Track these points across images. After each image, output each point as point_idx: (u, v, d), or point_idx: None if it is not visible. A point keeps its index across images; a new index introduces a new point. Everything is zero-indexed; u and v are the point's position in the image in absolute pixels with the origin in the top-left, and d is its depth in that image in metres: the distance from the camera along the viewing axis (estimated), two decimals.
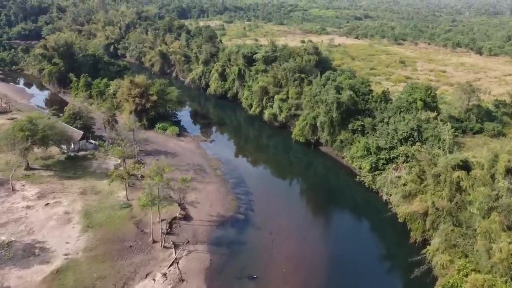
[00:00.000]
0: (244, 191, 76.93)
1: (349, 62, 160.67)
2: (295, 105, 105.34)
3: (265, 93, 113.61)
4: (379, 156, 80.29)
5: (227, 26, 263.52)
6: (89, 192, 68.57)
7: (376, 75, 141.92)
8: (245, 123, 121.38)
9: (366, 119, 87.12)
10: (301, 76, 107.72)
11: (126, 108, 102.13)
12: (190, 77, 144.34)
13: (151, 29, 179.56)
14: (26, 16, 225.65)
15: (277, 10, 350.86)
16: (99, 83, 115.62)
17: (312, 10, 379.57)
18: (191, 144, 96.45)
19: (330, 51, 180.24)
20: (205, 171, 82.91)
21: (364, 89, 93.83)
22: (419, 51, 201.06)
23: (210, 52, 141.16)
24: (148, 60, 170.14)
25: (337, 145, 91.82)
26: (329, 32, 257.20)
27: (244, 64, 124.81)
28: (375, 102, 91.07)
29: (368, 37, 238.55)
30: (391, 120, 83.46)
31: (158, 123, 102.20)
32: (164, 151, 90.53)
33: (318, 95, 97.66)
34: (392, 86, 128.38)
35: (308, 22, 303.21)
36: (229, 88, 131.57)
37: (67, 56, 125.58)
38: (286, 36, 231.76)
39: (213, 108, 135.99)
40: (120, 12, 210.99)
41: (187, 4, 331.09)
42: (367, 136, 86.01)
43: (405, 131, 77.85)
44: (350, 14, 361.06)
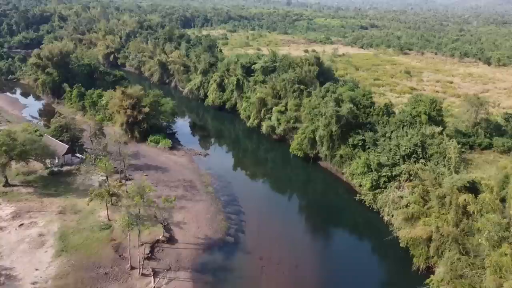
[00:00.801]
0: (236, 210, 72.27)
1: (352, 73, 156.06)
2: (294, 117, 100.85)
3: (263, 105, 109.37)
4: (380, 173, 75.42)
5: (230, 35, 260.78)
6: (68, 211, 64.34)
7: (380, 86, 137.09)
8: (243, 136, 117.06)
9: (367, 134, 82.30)
10: (300, 87, 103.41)
11: (118, 120, 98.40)
12: (188, 87, 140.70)
13: (151, 38, 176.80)
14: (28, 25, 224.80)
15: (282, 19, 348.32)
16: (92, 94, 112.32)
17: (318, 19, 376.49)
18: (183, 158, 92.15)
19: (334, 61, 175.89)
20: (196, 187, 78.43)
21: (366, 101, 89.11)
22: (425, 61, 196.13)
23: (209, 62, 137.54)
24: (148, 70, 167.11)
25: (336, 160, 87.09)
26: (333, 41, 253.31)
27: (242, 74, 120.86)
28: (376, 115, 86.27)
29: (373, 47, 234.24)
30: (394, 135, 78.59)
31: (151, 136, 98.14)
32: (155, 166, 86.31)
33: (317, 107, 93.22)
34: (396, 97, 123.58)
35: (312, 31, 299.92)
36: (227, 99, 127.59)
37: (62, 65, 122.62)
38: (290, 46, 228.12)
39: (211, 119, 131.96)
40: (122, 21, 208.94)
41: (191, 13, 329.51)
42: (368, 152, 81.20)
43: (408, 147, 72.94)
44: (355, 23, 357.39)
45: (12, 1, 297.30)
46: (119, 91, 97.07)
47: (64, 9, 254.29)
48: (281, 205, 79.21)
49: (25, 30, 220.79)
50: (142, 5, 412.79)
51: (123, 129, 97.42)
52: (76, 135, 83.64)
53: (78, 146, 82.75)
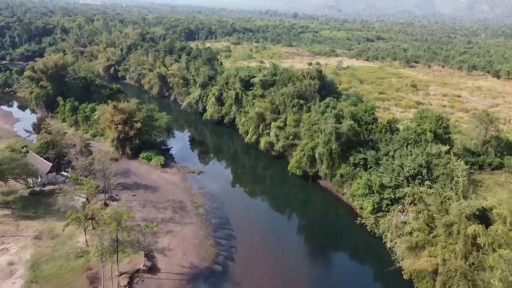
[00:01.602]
0: (227, 235, 67.38)
1: (357, 86, 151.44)
2: (293, 133, 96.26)
3: (262, 120, 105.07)
4: (382, 195, 70.33)
5: (234, 47, 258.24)
6: (45, 236, 59.92)
7: (385, 100, 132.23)
8: (241, 151, 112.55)
9: (369, 152, 77.34)
10: (299, 102, 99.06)
11: (109, 136, 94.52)
12: (187, 101, 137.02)
13: (152, 51, 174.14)
14: (31, 37, 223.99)
15: (287, 32, 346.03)
16: (85, 108, 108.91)
17: (323, 31, 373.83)
18: (176, 177, 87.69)
19: (338, 74, 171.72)
20: (186, 209, 73.77)
21: (368, 117, 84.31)
22: (432, 74, 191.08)
23: (208, 75, 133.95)
24: (147, 83, 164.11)
25: (337, 180, 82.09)
26: (338, 54, 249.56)
27: (241, 88, 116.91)
28: (379, 132, 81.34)
29: (379, 59, 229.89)
30: (397, 153, 73.58)
31: (143, 152, 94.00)
32: (144, 185, 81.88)
33: (317, 123, 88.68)
34: (401, 112, 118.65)
35: (318, 43, 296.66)
36: (226, 113, 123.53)
37: (56, 78, 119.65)
38: (294, 58, 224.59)
39: (210, 134, 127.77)
40: (124, 33, 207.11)
41: (196, 25, 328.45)
42: (370, 171, 76.21)
43: (412, 167, 67.83)
44: (361, 35, 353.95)
45: (17, 13, 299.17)
46: (110, 106, 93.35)
47: (68, 22, 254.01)
48: (277, 228, 74.08)
49: (27, 43, 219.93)
50: (148, 17, 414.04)
51: (114, 145, 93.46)
52: (63, 152, 79.56)
53: (64, 164, 78.54)
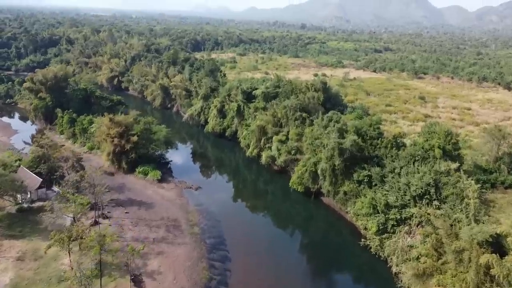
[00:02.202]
0: (221, 256, 63.66)
1: (363, 98, 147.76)
2: (295, 148, 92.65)
3: (263, 133, 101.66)
4: (388, 215, 66.32)
5: (240, 58, 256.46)
6: (28, 258, 56.70)
7: (392, 113, 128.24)
8: (243, 165, 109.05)
9: (373, 169, 73.37)
10: (302, 115, 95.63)
11: (105, 149, 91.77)
12: (188, 113, 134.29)
13: (155, 62, 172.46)
14: (36, 48, 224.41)
15: (294, 43, 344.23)
16: (83, 120, 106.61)
17: (330, 42, 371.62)
18: (172, 192, 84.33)
19: (344, 85, 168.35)
20: (180, 227, 70.24)
21: (373, 132, 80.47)
22: (441, 86, 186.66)
23: (210, 87, 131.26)
24: (150, 94, 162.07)
25: (340, 197, 78.09)
26: (345, 65, 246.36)
27: (243, 100, 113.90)
28: (384, 148, 77.40)
29: (386, 71, 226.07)
30: (403, 171, 69.54)
31: (139, 167, 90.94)
32: (139, 201, 78.58)
33: (320, 138, 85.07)
34: (409, 125, 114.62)
35: (324, 54, 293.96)
36: (227, 126, 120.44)
37: (56, 90, 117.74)
38: (300, 69, 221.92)
39: (211, 147, 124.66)
40: (129, 44, 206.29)
41: (202, 36, 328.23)
42: (375, 189, 72.21)
43: (419, 186, 63.74)
44: (369, 46, 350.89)
45: (26, 24, 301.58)
46: (106, 118, 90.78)
47: (74, 33, 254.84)
48: (276, 248, 69.99)
49: (33, 53, 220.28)
50: (155, 28, 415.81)
51: (110, 159, 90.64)
52: (55, 166, 76.71)
53: (55, 179, 75.61)
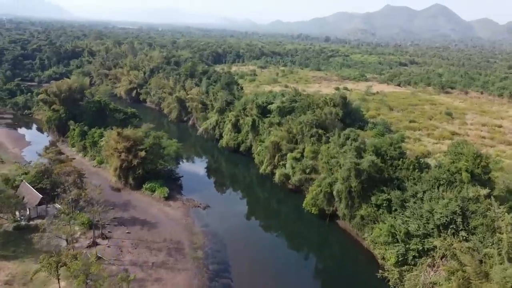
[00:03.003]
0: (224, 286, 58.73)
1: (385, 113, 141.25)
2: (311, 166, 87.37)
3: (278, 150, 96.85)
4: (408, 245, 60.11)
5: (260, 71, 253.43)
6: (16, 282, 53.25)
7: (416, 129, 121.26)
8: (256, 182, 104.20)
9: (393, 193, 67.33)
10: (318, 131, 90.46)
11: (112, 164, 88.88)
12: (203, 126, 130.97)
13: (173, 74, 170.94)
14: (60, 60, 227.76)
15: (316, 56, 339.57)
16: (94, 133, 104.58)
17: (354, 55, 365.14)
18: (178, 211, 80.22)
19: (366, 100, 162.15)
20: (182, 251, 65.82)
21: (393, 152, 74.47)
22: (469, 101, 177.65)
23: (226, 100, 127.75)
24: (167, 106, 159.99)
25: (356, 221, 72.16)
26: (368, 78, 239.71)
27: (258, 115, 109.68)
28: (406, 169, 71.27)
29: (411, 84, 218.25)
30: (427, 196, 63.31)
31: (147, 183, 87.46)
32: (142, 220, 74.82)
33: (336, 157, 79.63)
34: (434, 143, 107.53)
35: (347, 68, 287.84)
36: (242, 141, 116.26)
37: (69, 102, 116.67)
38: (321, 83, 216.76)
39: (225, 162, 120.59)
40: (149, 56, 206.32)
41: (224, 49, 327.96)
42: (395, 215, 66.12)
43: (444, 214, 57.37)
44: (394, 60, 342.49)
45: (51, 36, 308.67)
46: (114, 132, 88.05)
47: (97, 45, 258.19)
48: (285, 276, 64.38)
49: (56, 65, 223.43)
50: (179, 41, 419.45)
51: (117, 175, 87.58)
52: (57, 182, 73.90)
53: (57, 195, 72.65)
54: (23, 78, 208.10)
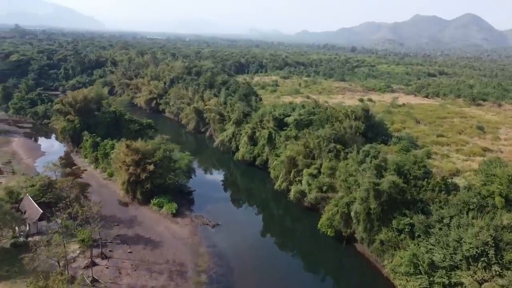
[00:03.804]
0: None
1: (411, 126, 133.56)
2: (328, 184, 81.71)
3: (294, 165, 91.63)
4: (432, 278, 53.78)
5: (283, 81, 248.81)
6: None
7: (444, 145, 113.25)
8: (271, 198, 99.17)
9: (416, 217, 61.04)
10: (336, 147, 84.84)
11: (120, 177, 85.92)
12: (219, 138, 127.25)
13: (193, 84, 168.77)
14: (83, 69, 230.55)
15: (341, 66, 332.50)
16: (105, 144, 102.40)
17: (380, 66, 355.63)
18: (186, 229, 76.02)
19: (391, 112, 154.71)
20: (185, 274, 61.38)
21: (417, 171, 68.19)
22: (503, 114, 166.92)
23: (243, 112, 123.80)
24: (185, 117, 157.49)
25: (376, 246, 66.01)
26: (394, 89, 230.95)
27: (274, 127, 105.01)
28: (431, 191, 64.82)
29: (440, 96, 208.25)
30: (454, 222, 56.87)
31: (155, 198, 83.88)
32: (146, 239, 70.99)
33: (354, 175, 73.89)
34: (463, 160, 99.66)
35: (373, 78, 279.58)
36: (258, 154, 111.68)
37: (84, 112, 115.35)
38: (345, 94, 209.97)
39: (240, 176, 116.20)
40: (170, 66, 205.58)
41: (247, 59, 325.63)
42: (418, 241, 59.83)
43: (474, 245, 50.90)
44: (422, 70, 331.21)
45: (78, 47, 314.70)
46: (123, 145, 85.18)
47: (120, 55, 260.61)
48: None
49: (79, 75, 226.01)
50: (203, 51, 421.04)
51: (124, 189, 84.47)
52: (60, 196, 71.13)
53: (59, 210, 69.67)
54: (48, 87, 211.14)
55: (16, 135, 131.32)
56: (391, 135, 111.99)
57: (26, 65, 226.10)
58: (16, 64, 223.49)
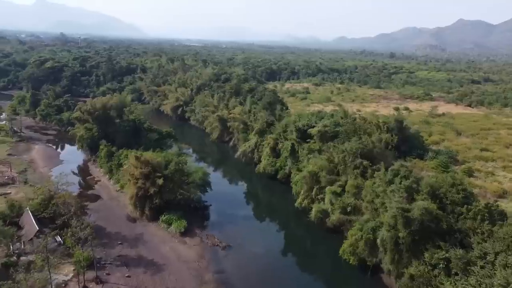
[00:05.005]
0: None
1: (452, 139, 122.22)
2: (352, 204, 73.16)
3: (316, 181, 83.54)
4: None
5: (315, 89, 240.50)
6: None
7: (489, 160, 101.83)
8: (291, 217, 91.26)
9: (454, 251, 51.70)
10: (363, 163, 76.15)
11: (128, 191, 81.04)
12: (241, 149, 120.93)
13: (219, 92, 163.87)
14: (114, 76, 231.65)
15: (377, 73, 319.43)
16: (120, 154, 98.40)
17: (419, 72, 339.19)
18: (193, 251, 69.62)
19: (429, 122, 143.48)
20: None
21: (456, 195, 58.61)
22: None
23: (267, 121, 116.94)
24: (209, 126, 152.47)
25: (405, 282, 56.68)
26: (434, 97, 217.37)
27: (297, 139, 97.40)
28: (472, 219, 55.16)
29: (485, 105, 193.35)
30: (500, 260, 47.24)
31: (164, 214, 78.19)
32: (149, 261, 65.08)
33: (381, 196, 65.16)
34: (511, 179, 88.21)
35: (411, 85, 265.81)
36: (280, 167, 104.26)
37: (103, 120, 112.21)
38: (379, 102, 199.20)
39: (261, 190, 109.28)
40: (198, 73, 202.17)
41: (279, 65, 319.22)
42: (455, 280, 50.52)
43: None
44: (465, 77, 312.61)
45: (113, 53, 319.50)
46: (132, 156, 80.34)
47: (151, 61, 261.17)
48: None
49: (110, 81, 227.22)
50: (237, 58, 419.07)
51: (132, 204, 79.42)
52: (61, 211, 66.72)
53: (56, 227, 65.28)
54: (79, 94, 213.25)
55: (39, 142, 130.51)
56: (427, 149, 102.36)
57: (59, 72, 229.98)
58: (50, 71, 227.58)
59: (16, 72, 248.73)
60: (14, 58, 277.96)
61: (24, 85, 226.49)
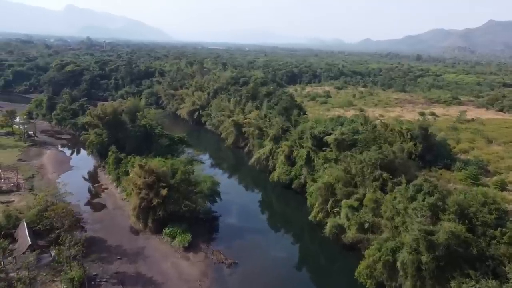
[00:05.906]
0: None
1: (482, 147, 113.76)
2: (371, 221, 66.79)
3: (332, 194, 77.44)
4: None
5: (336, 92, 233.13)
6: None
7: None
8: (305, 230, 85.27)
9: (485, 282, 44.97)
10: (382, 175, 69.66)
11: (131, 202, 76.97)
12: (255, 156, 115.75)
13: (235, 96, 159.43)
14: (133, 80, 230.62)
15: (403, 76, 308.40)
16: (128, 161, 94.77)
17: (447, 75, 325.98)
18: (196, 268, 64.71)
19: (457, 129, 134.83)
20: None
21: (488, 216, 51.61)
22: None
23: (282, 127, 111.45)
24: (224, 130, 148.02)
25: None
26: (462, 102, 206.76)
27: (312, 147, 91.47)
28: (508, 244, 48.20)
29: None
30: None
31: (168, 227, 73.67)
32: (147, 279, 60.56)
33: (402, 214, 58.65)
34: None
35: (438, 89, 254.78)
36: (295, 176, 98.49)
37: (113, 125, 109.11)
38: (404, 106, 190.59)
39: (276, 199, 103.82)
40: (216, 76, 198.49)
41: (300, 68, 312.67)
42: None
43: None
44: (496, 80, 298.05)
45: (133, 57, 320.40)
46: (136, 165, 76.29)
47: (171, 65, 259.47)
48: None
49: (129, 85, 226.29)
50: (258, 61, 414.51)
51: (135, 215, 75.26)
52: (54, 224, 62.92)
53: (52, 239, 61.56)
54: (98, 97, 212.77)
55: (51, 147, 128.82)
56: (455, 158, 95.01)
57: (79, 76, 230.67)
58: (70, 75, 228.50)
59: (38, 76, 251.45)
60: (37, 62, 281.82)
61: (45, 88, 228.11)
